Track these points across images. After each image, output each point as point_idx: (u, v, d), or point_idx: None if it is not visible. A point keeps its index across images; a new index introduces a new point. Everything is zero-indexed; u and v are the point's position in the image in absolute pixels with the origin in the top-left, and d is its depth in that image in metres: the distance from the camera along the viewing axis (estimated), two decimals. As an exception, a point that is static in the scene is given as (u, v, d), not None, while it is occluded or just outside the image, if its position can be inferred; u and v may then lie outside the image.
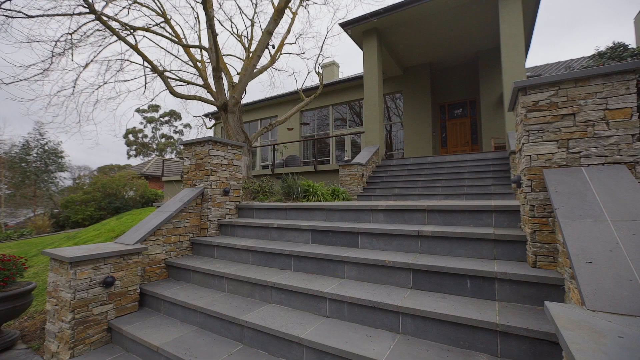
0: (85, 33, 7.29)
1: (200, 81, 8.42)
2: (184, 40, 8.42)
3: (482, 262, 2.51)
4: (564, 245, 1.86)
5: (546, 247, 2.25)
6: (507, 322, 1.89)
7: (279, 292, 2.92)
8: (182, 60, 8.95)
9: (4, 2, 6.05)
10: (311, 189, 5.47)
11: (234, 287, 3.26)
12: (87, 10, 6.37)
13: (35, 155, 20.71)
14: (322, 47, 9.44)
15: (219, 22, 8.78)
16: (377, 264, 2.76)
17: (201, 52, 8.55)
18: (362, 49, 10.21)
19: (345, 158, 13.79)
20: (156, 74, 7.73)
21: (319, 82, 9.93)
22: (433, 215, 3.29)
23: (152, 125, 38.74)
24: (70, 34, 7.05)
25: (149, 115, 37.88)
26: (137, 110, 36.26)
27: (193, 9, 8.95)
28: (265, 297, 3.01)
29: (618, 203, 1.84)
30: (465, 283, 2.39)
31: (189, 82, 8.56)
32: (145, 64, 7.60)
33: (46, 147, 21.05)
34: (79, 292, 2.94)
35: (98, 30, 7.37)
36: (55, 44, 7.03)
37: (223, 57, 8.17)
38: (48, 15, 6.58)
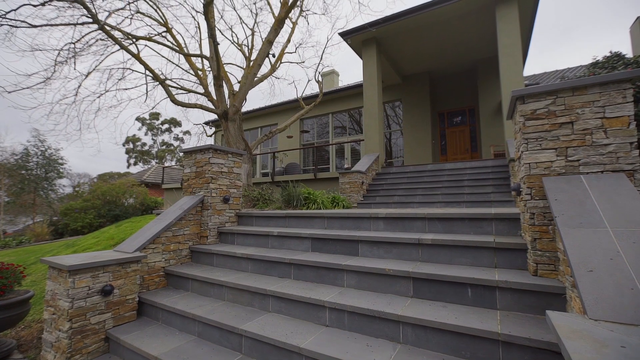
0: (87, 42, 7.39)
1: (201, 89, 8.49)
2: (185, 49, 8.52)
3: (483, 271, 2.50)
4: (564, 254, 1.85)
5: (547, 256, 2.24)
6: (509, 332, 1.88)
7: (278, 300, 2.89)
8: (183, 69, 9.05)
9: (8, 12, 6.15)
10: (311, 197, 5.47)
11: (233, 296, 3.24)
12: (91, 20, 6.47)
13: (35, 162, 20.75)
14: (322, 56, 9.57)
15: (220, 31, 8.91)
16: (378, 272, 2.75)
17: (202, 60, 8.64)
18: (361, 58, 10.32)
19: (345, 166, 13.81)
20: (157, 83, 7.80)
21: (319, 91, 10.01)
22: (433, 223, 3.28)
23: (153, 132, 38.93)
24: (73, 43, 7.15)
25: (149, 122, 38.10)
26: (138, 119, 36.50)
27: (194, 18, 9.08)
28: (264, 306, 2.99)
29: (617, 211, 1.85)
30: (466, 292, 2.38)
31: (190, 91, 8.64)
32: (147, 72, 7.68)
33: (46, 154, 21.11)
34: (77, 301, 2.92)
35: (101, 39, 7.47)
36: (58, 53, 7.11)
37: (224, 65, 8.25)
38: (52, 25, 6.68)
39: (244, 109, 10.22)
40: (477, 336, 1.97)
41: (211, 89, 8.19)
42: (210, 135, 11.26)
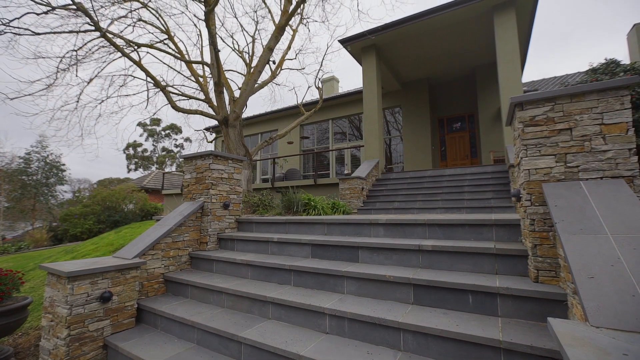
0: (90, 50, 7.47)
1: (201, 96, 8.56)
2: (186, 56, 8.59)
3: (484, 277, 2.49)
4: (565, 260, 1.85)
5: (548, 262, 2.23)
6: (511, 339, 1.86)
7: (278, 307, 2.88)
8: (184, 76, 9.13)
9: (12, 20, 6.22)
10: (311, 203, 5.47)
11: (232, 303, 3.22)
12: (93, 28, 6.54)
13: (36, 168, 20.78)
14: (322, 62, 9.65)
15: (221, 38, 9.00)
16: (378, 279, 2.74)
17: (203, 67, 8.71)
18: (361, 65, 10.41)
19: (345, 172, 13.83)
20: (159, 89, 7.86)
21: (319, 97, 10.07)
22: (433, 229, 3.27)
23: (153, 138, 39.06)
24: (76, 51, 7.22)
25: (150, 128, 38.26)
26: (139, 124, 36.68)
27: (196, 26, 9.20)
28: (264, 313, 2.96)
29: (618, 217, 1.85)
30: (467, 298, 2.36)
31: (190, 97, 8.70)
32: (148, 79, 7.74)
33: (47, 160, 21.16)
34: (75, 308, 2.90)
35: (103, 47, 7.55)
36: (61, 60, 7.18)
37: (224, 72, 8.32)
38: (55, 33, 6.75)
39: (245, 115, 10.28)
40: (478, 344, 1.95)
41: (212, 95, 8.25)
42: (211, 141, 11.30)
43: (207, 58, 8.59)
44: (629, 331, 1.29)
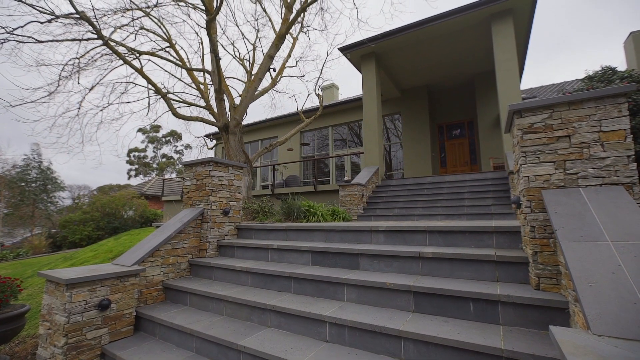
0: (92, 57, 7.54)
1: (202, 103, 8.61)
2: (187, 63, 8.67)
3: (485, 285, 2.47)
4: (566, 267, 1.84)
5: (549, 269, 2.22)
6: (512, 348, 1.84)
7: (278, 315, 2.85)
8: (185, 83, 9.20)
9: (16, 29, 6.29)
10: (311, 210, 5.47)
11: (232, 310, 3.19)
12: (95, 36, 6.61)
13: (34, 175, 20.83)
14: (322, 70, 9.72)
15: (222, 46, 9.09)
16: (378, 286, 2.72)
17: (204, 75, 8.78)
18: (360, 72, 10.50)
19: (345, 178, 13.83)
20: (160, 96, 7.90)
21: (319, 104, 10.13)
22: (434, 236, 3.27)
23: (154, 145, 39.16)
24: (78, 58, 7.29)
25: (151, 135, 38.39)
26: (140, 130, 36.83)
27: (197, 34, 9.31)
28: (264, 321, 2.94)
29: (618, 224, 1.84)
30: (468, 306, 2.35)
31: (191, 104, 8.75)
32: (150, 86, 7.79)
33: (42, 167, 21.24)
34: (73, 316, 2.88)
35: (105, 54, 7.63)
36: (63, 68, 7.24)
37: (225, 79, 8.39)
38: (57, 41, 6.82)
39: (245, 121, 10.33)
40: (480, 352, 1.93)
41: (212, 102, 8.30)
42: (211, 148, 11.32)
43: (208, 65, 8.69)
44: (631, 339, 1.28)
